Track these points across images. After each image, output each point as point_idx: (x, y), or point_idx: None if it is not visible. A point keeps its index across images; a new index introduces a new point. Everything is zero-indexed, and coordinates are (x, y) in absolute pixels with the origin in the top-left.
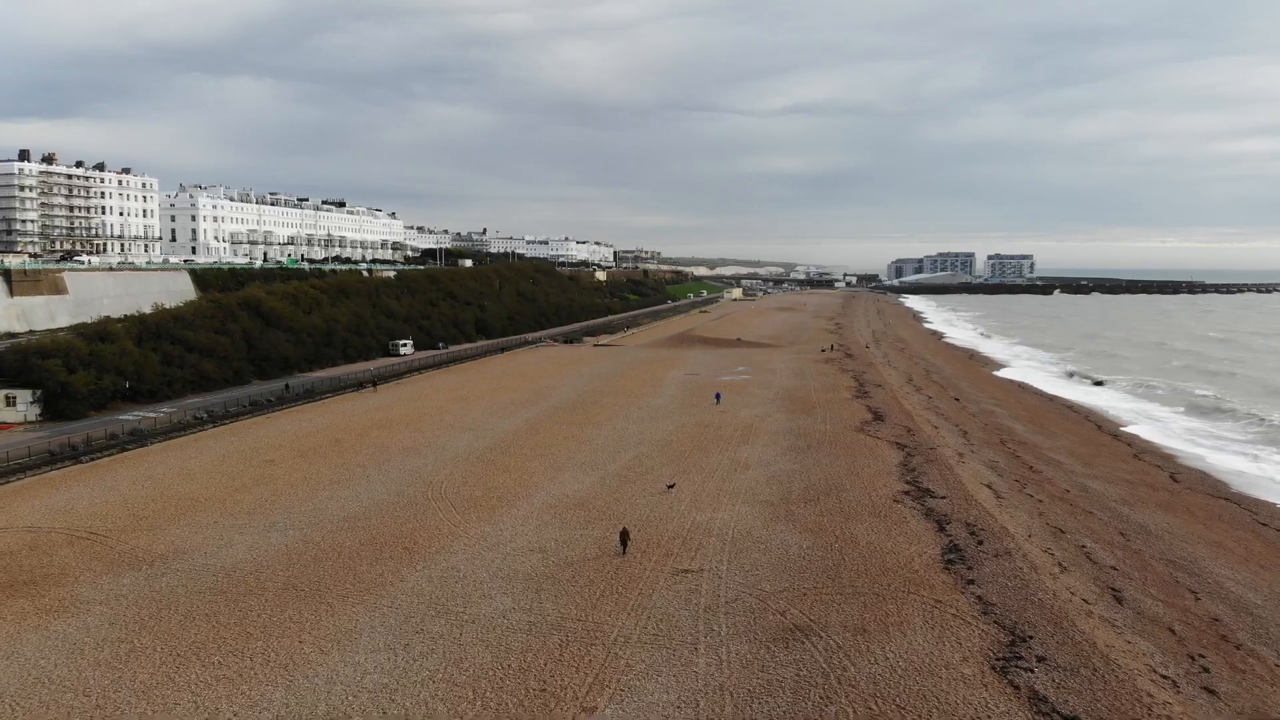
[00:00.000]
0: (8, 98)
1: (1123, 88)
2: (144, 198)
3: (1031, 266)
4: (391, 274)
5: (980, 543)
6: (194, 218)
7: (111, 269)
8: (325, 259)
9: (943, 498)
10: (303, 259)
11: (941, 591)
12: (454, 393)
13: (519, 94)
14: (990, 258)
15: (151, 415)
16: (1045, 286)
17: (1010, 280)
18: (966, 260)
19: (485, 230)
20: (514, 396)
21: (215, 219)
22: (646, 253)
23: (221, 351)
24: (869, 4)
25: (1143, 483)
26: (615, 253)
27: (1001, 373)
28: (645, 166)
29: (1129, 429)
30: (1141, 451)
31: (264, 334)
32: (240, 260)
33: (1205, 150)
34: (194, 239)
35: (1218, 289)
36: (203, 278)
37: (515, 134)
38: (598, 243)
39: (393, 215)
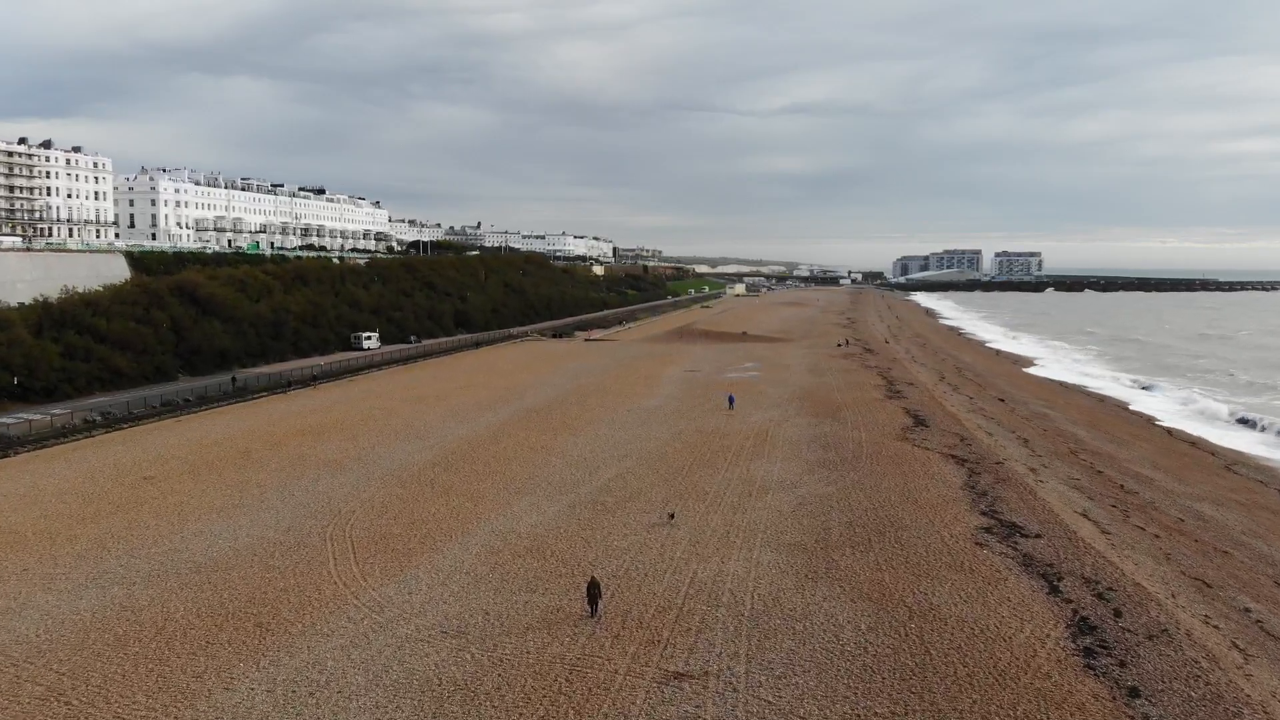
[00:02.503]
0: (7, 98)
1: (1123, 88)
2: (95, 179)
3: (1039, 264)
4: (363, 261)
5: (1118, 614)
6: (154, 202)
7: (29, 250)
8: (298, 248)
9: (1037, 536)
10: (272, 247)
11: (1098, 717)
12: (412, 391)
13: (518, 94)
14: (998, 255)
15: (31, 418)
16: (1039, 284)
17: (1018, 278)
18: (973, 258)
19: (479, 224)
20: (481, 396)
21: (178, 203)
22: (647, 251)
23: (141, 343)
24: (868, 4)
25: (1257, 505)
26: (615, 249)
27: (1036, 370)
28: (646, 166)
29: (1196, 433)
30: (1231, 463)
31: (197, 324)
32: (191, 246)
33: (1205, 150)
34: (154, 225)
35: (1230, 287)
36: (141, 262)
37: (515, 134)
38: (596, 238)
39: (376, 204)
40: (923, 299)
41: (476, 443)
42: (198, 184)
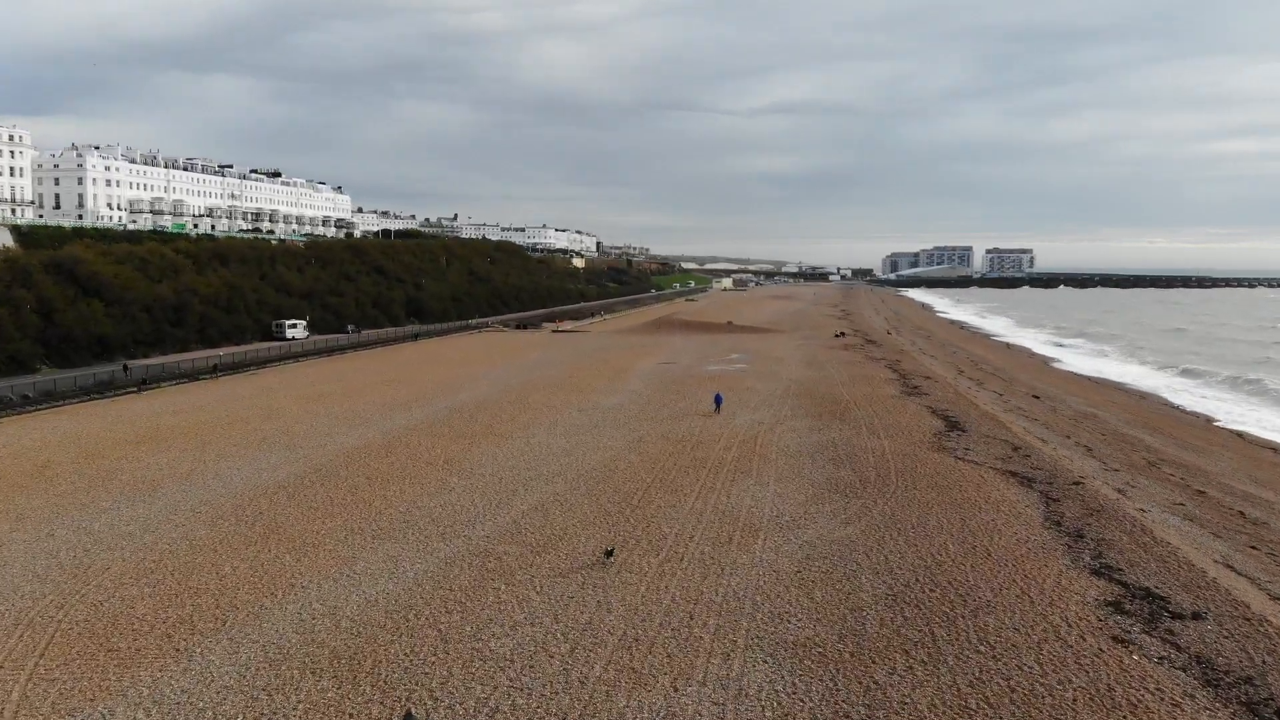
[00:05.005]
0: None
1: (1110, 87)
2: (11, 154)
3: (1031, 261)
4: (302, 242)
5: None
6: (81, 180)
7: None
8: (244, 232)
9: (1197, 617)
10: (213, 229)
11: None
12: (318, 388)
13: (501, 92)
14: (989, 252)
15: None
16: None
17: (1010, 274)
18: (964, 254)
19: (456, 216)
20: (402, 394)
21: (109, 182)
22: (635, 249)
23: None
24: (848, 4)
25: None
26: (599, 244)
27: (1062, 366)
28: (634, 165)
29: (1266, 436)
30: None
31: (73, 305)
32: (111, 226)
33: (1196, 150)
34: (81, 205)
35: (1229, 283)
36: (31, 236)
37: (502, 133)
38: (579, 232)
39: (338, 190)
40: (915, 295)
41: (361, 455)
42: (133, 162)
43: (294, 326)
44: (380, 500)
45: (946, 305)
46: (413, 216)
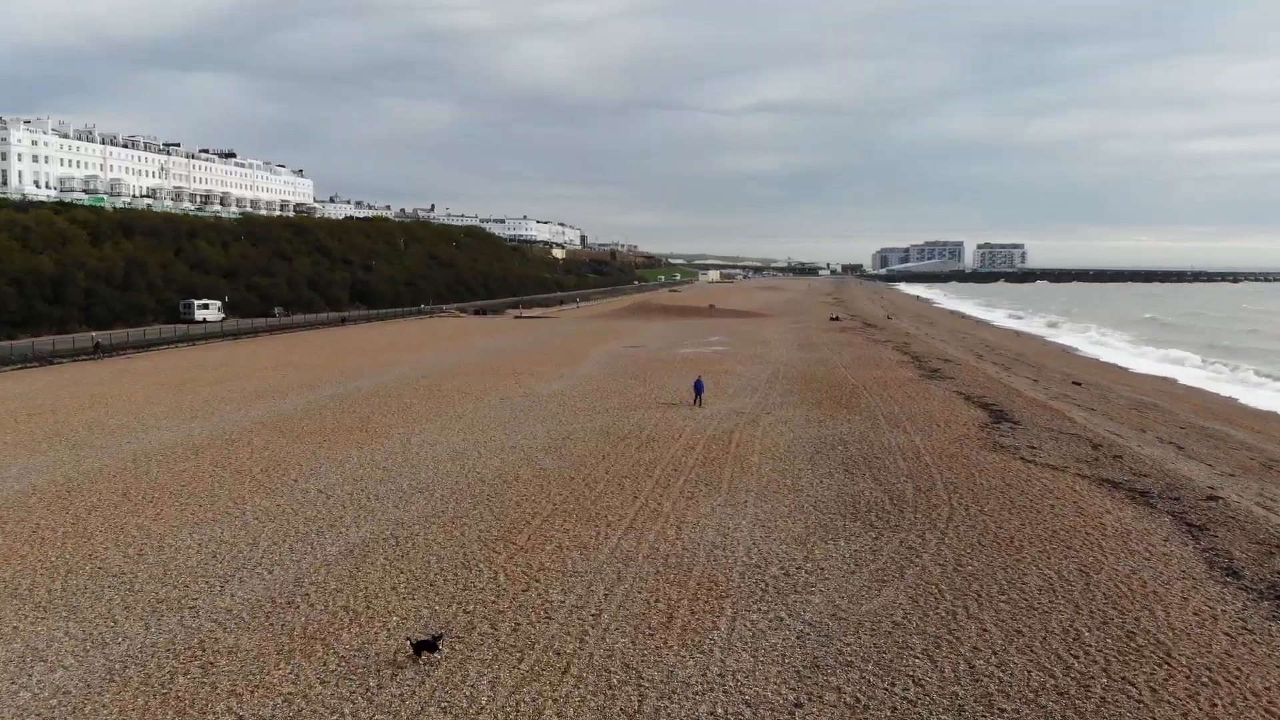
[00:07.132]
0: None
1: (1099, 87)
2: None
3: (1023, 257)
4: (236, 217)
5: None
6: (5, 155)
7: None
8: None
9: None
10: (148, 209)
11: None
12: (188, 374)
13: (487, 90)
14: (980, 247)
15: None
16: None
17: (1001, 269)
18: (955, 249)
19: (433, 207)
20: (288, 380)
21: (36, 158)
22: (623, 245)
23: None
24: (835, 4)
25: None
26: (583, 237)
27: (1082, 353)
28: (624, 164)
29: None
30: None
31: None
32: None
33: (1183, 149)
34: (5, 182)
35: (1223, 278)
36: None
37: (490, 132)
38: (561, 224)
39: (299, 173)
40: (907, 289)
41: (152, 458)
42: (65, 137)
43: (205, 307)
44: (107, 533)
45: (939, 297)
46: (387, 206)
